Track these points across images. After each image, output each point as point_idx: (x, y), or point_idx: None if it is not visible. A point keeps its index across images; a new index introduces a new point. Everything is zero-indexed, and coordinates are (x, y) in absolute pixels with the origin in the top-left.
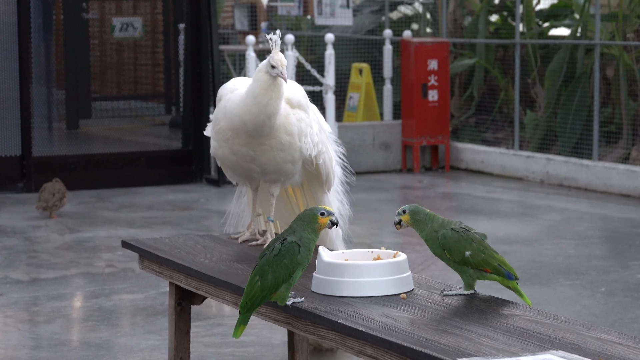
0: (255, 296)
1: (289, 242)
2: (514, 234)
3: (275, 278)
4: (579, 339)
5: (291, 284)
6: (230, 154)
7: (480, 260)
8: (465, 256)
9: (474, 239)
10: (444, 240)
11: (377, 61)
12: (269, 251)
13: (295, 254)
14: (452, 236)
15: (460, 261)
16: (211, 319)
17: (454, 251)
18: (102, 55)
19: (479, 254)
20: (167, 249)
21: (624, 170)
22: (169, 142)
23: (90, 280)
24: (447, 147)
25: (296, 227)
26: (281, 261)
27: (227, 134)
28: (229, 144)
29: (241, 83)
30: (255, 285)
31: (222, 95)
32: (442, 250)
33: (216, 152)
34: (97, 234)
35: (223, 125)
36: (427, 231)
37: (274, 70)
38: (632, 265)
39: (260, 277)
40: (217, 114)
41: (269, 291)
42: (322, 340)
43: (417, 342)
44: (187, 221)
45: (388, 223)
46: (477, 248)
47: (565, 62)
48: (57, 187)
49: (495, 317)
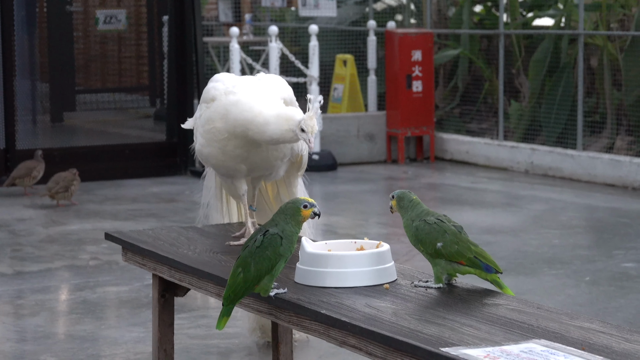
0: (238, 288)
1: (271, 234)
2: (499, 224)
3: (258, 270)
4: (562, 328)
5: (274, 275)
6: (220, 153)
7: (453, 252)
8: (437, 248)
9: (447, 231)
10: (416, 232)
11: (361, 52)
12: (251, 243)
13: (278, 245)
14: (423, 228)
15: (432, 253)
16: (196, 311)
17: (426, 243)
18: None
19: (452, 246)
20: (151, 240)
21: (609, 159)
22: (153, 134)
23: (74, 273)
24: (432, 138)
25: (279, 219)
26: (263, 253)
27: (223, 135)
28: (221, 145)
29: (236, 83)
30: (238, 277)
31: (216, 96)
32: (417, 242)
33: (202, 149)
34: (82, 227)
35: (219, 126)
36: (405, 219)
37: (302, 134)
38: (617, 254)
39: (243, 269)
40: (212, 114)
41: (252, 283)
42: (306, 331)
43: (400, 332)
44: (171, 213)
45: (373, 214)
46: (451, 240)
47: (549, 52)
48: (63, 176)
49: (478, 306)
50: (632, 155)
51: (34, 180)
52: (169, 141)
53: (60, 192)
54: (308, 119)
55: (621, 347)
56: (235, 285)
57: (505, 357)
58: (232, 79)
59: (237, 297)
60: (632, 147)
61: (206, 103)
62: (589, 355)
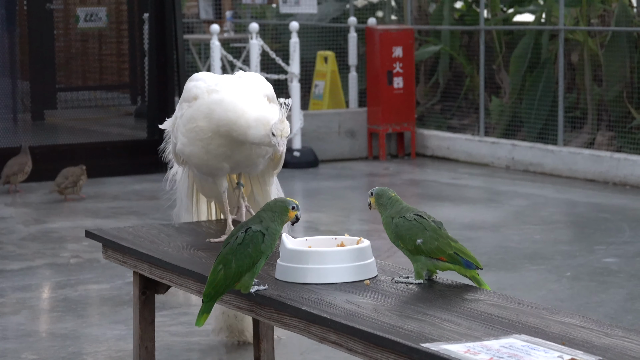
0: (219, 285)
1: (254, 231)
2: (480, 220)
3: (239, 267)
4: (542, 323)
5: (255, 272)
6: (203, 152)
7: (433, 248)
8: (416, 244)
9: (427, 227)
10: (396, 229)
11: (342, 49)
12: (232, 240)
13: (259, 242)
14: (403, 224)
15: (412, 249)
16: (177, 309)
17: (406, 239)
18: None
19: (432, 242)
20: (131, 238)
21: (589, 155)
22: (134, 132)
23: (56, 271)
24: (413, 134)
25: (265, 216)
26: (245, 250)
27: (206, 134)
28: (205, 143)
29: (217, 82)
30: (219, 274)
31: (198, 95)
32: (396, 239)
33: (184, 149)
34: (63, 225)
35: (202, 125)
36: (384, 216)
37: (273, 138)
38: (598, 249)
39: (224, 265)
40: (194, 113)
41: (233, 280)
42: (287, 327)
43: (380, 327)
44: (153, 211)
45: (354, 210)
46: (431, 236)
47: (530, 48)
48: (71, 171)
49: (458, 302)
50: (612, 150)
51: (25, 175)
52: (150, 139)
53: (70, 187)
54: (278, 122)
55: (601, 342)
56: (216, 282)
57: (485, 352)
58: (213, 78)
59: (217, 294)
60: (613, 142)
61: (188, 102)
62: (569, 350)
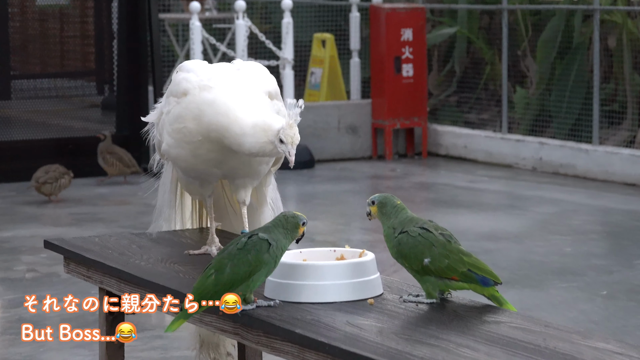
0: (206, 290)
1: (260, 237)
2: (501, 230)
3: (234, 273)
4: (573, 349)
5: (250, 286)
6: (190, 156)
7: (443, 267)
8: (424, 264)
9: (435, 243)
10: (399, 247)
11: (342, 31)
12: (232, 245)
13: (263, 251)
14: (407, 241)
15: (419, 270)
16: (150, 331)
17: (411, 259)
18: (23, 26)
19: (442, 260)
20: (97, 249)
21: (628, 155)
22: (101, 126)
23: (8, 287)
24: (424, 131)
25: (274, 230)
26: (245, 256)
27: (195, 137)
28: (193, 147)
29: (211, 75)
30: (208, 279)
31: (188, 90)
32: (400, 257)
33: (170, 150)
34: (18, 234)
35: (191, 127)
36: (386, 226)
37: (281, 146)
38: (637, 264)
39: (216, 270)
40: (183, 112)
41: (223, 288)
42: (277, 353)
43: (386, 354)
44: (122, 217)
45: (355, 218)
46: (440, 253)
47: (560, 31)
48: (54, 167)
49: (476, 324)
50: None
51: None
52: (120, 134)
53: (50, 182)
54: (287, 127)
55: None
56: (203, 287)
57: None
58: (207, 69)
59: (201, 301)
60: None
61: (176, 97)
62: None
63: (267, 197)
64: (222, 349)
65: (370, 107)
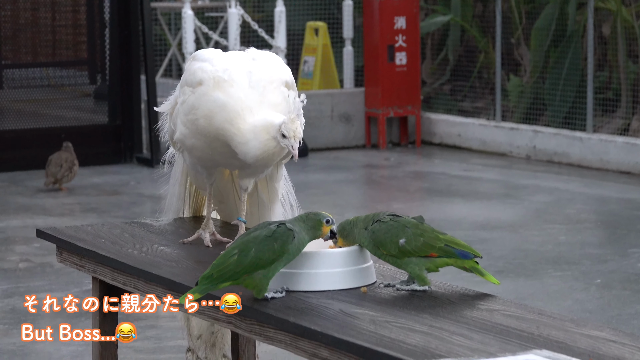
0: (226, 270)
1: (288, 228)
2: (496, 219)
3: (258, 258)
4: (567, 337)
5: (269, 274)
6: (206, 147)
7: (420, 245)
8: (400, 246)
9: (407, 224)
10: (373, 236)
11: (335, 19)
12: (258, 230)
13: (289, 242)
14: (380, 228)
15: (397, 253)
16: (143, 320)
17: (387, 244)
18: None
19: (417, 239)
20: (90, 238)
21: (623, 143)
22: (93, 116)
23: (2, 277)
24: (418, 119)
25: (295, 222)
26: (271, 243)
27: (209, 132)
28: (208, 139)
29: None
30: (231, 258)
31: (204, 80)
32: (376, 248)
33: (185, 140)
34: (10, 224)
35: (203, 124)
36: (358, 236)
37: (283, 141)
38: (632, 253)
39: (240, 251)
40: (197, 104)
41: (244, 269)
42: (270, 342)
43: (379, 342)
44: (115, 208)
45: (349, 207)
46: (414, 232)
47: (554, 19)
48: (63, 157)
49: (470, 312)
50: None
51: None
52: (112, 124)
53: (67, 174)
54: (289, 122)
55: (635, 358)
56: (224, 265)
57: None
58: (222, 60)
59: (219, 280)
60: None
61: (191, 87)
62: None
63: (278, 194)
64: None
65: (363, 96)
